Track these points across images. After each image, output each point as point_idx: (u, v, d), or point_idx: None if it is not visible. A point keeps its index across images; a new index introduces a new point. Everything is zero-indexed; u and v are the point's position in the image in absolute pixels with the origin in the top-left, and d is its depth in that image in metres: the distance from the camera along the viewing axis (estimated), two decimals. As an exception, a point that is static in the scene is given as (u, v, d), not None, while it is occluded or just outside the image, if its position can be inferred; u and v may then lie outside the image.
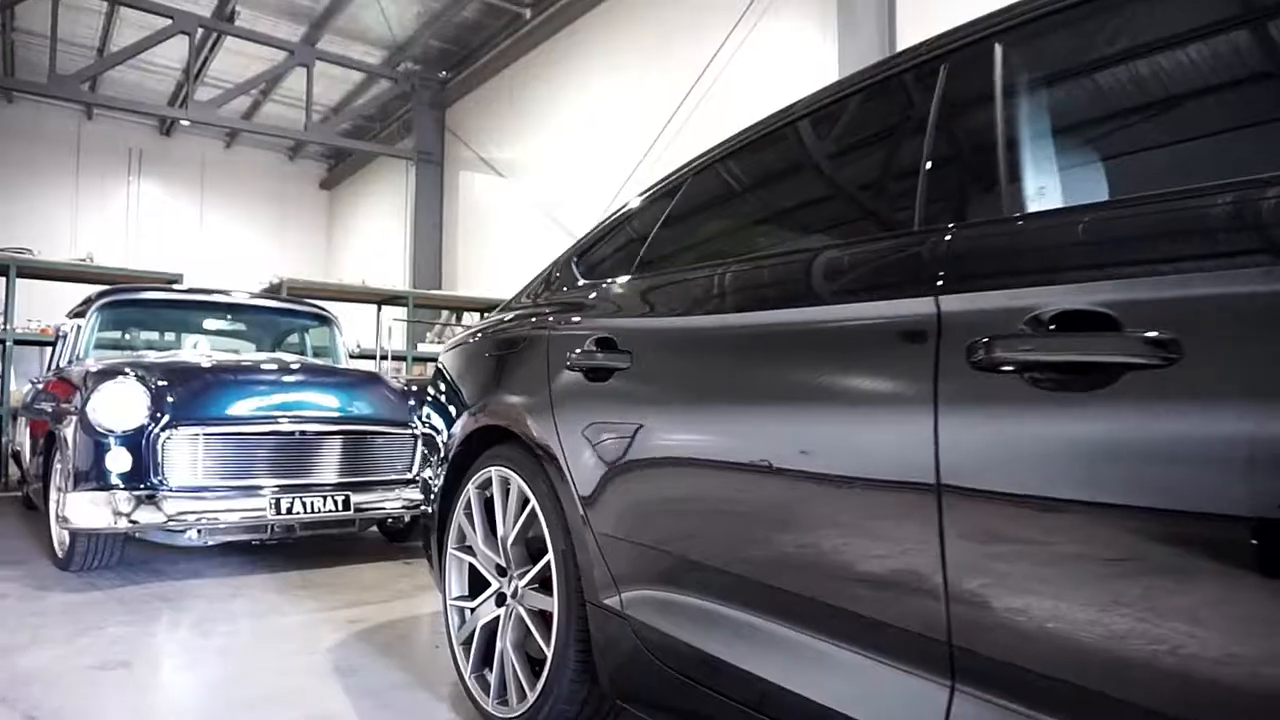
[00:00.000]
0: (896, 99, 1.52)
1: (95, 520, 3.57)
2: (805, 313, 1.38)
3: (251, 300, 5.57)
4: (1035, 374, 1.01)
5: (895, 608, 1.16)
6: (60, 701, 2.28)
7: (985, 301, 1.10)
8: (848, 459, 1.24)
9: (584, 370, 1.84)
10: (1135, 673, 0.90)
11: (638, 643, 1.65)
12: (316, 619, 3.17)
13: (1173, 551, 0.90)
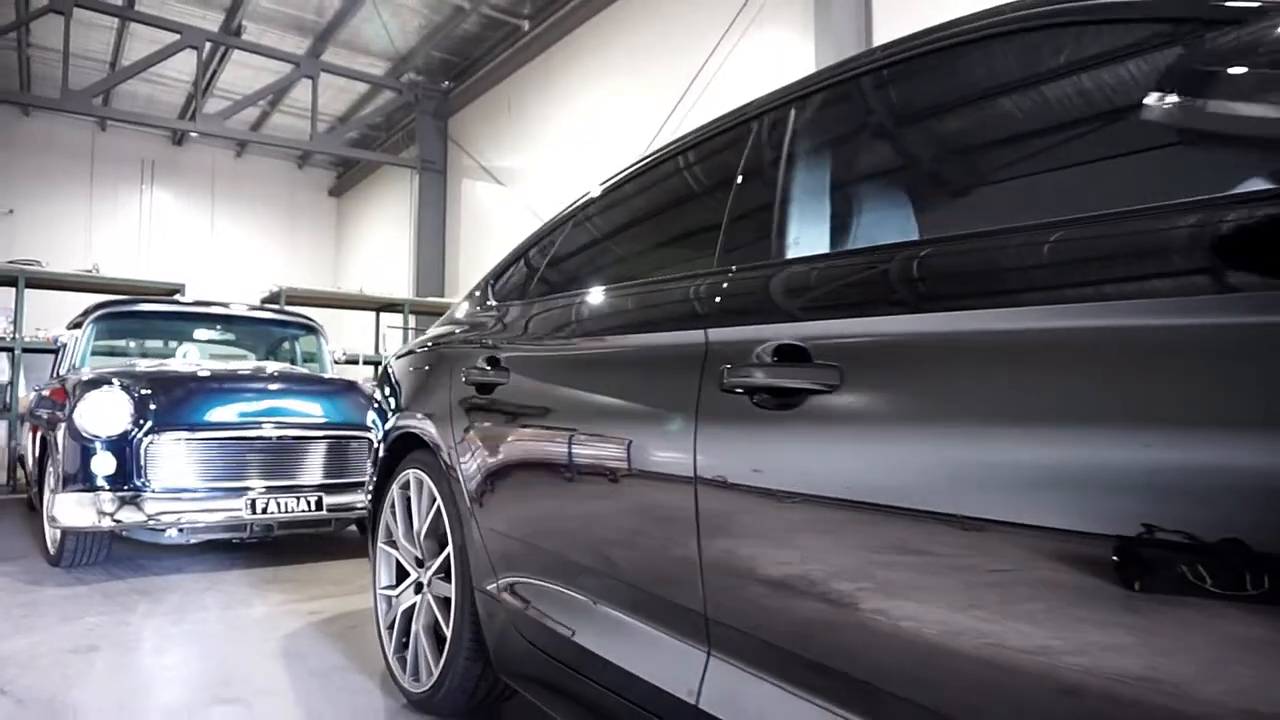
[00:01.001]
0: (715, 159, 1.78)
1: (81, 519, 3.89)
2: (625, 340, 1.66)
3: (239, 312, 5.90)
4: (752, 394, 1.27)
5: (665, 585, 1.43)
6: (32, 680, 2.58)
7: (732, 335, 1.36)
8: (642, 464, 1.50)
9: (475, 385, 2.12)
10: (851, 644, 1.11)
11: (509, 622, 1.92)
12: (281, 610, 3.46)
13: (850, 531, 1.14)
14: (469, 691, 2.17)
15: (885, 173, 1.47)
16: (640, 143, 8.87)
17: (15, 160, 14.35)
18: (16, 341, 7.68)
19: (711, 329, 1.41)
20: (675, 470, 1.40)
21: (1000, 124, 1.26)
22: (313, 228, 17.42)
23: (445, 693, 2.19)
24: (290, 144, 13.57)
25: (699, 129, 1.85)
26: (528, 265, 2.38)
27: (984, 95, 1.29)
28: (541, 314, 2.06)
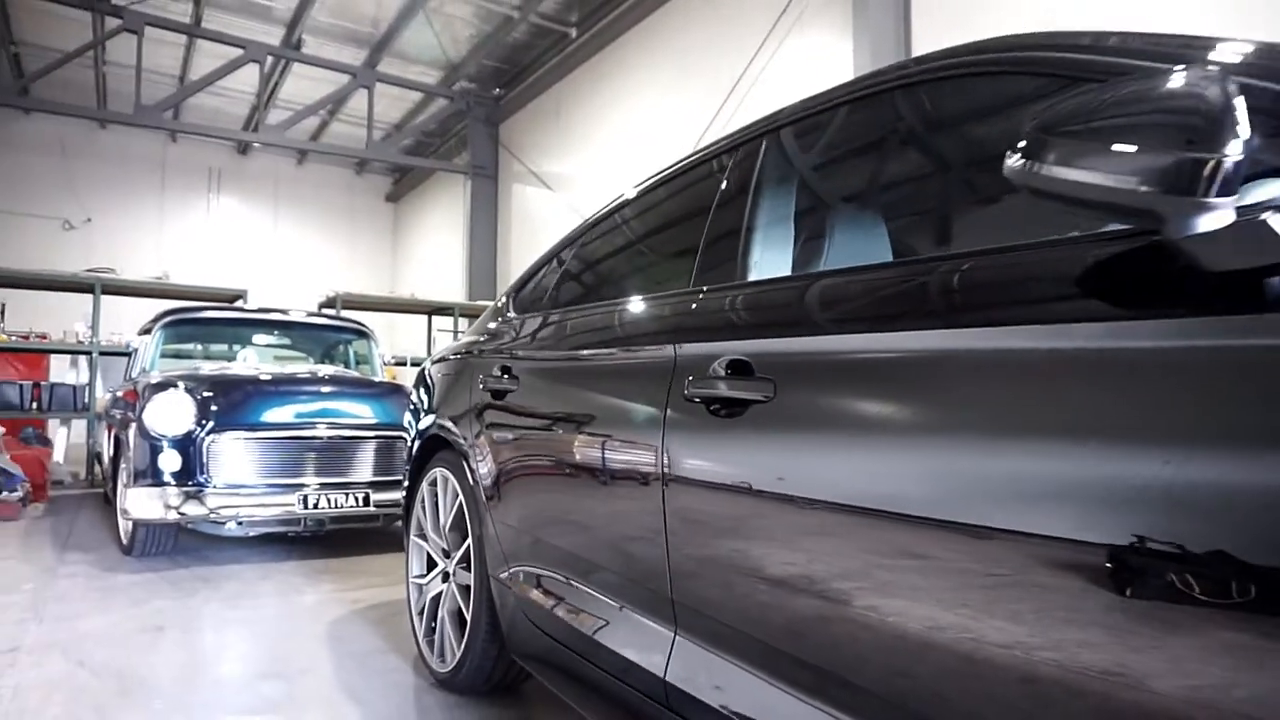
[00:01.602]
0: (696, 187, 1.97)
1: (150, 512, 4.23)
2: (611, 352, 1.86)
3: (295, 318, 6.25)
4: (708, 404, 1.46)
5: (639, 571, 1.62)
6: (107, 654, 2.88)
7: (695, 350, 1.55)
8: (621, 465, 1.69)
9: (490, 391, 2.33)
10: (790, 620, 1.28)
11: (518, 608, 2.13)
12: (329, 598, 3.74)
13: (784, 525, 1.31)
14: (487, 672, 2.39)
15: (819, 208, 1.64)
16: (685, 146, 9.00)
17: (93, 171, 15.18)
18: (94, 345, 8.20)
19: (680, 344, 1.60)
20: (647, 471, 1.60)
21: (911, 169, 1.42)
22: (370, 232, 18.00)
23: (466, 672, 2.41)
24: (348, 153, 14.09)
25: (682, 159, 2.03)
26: (538, 282, 2.60)
27: (901, 140, 1.46)
28: (546, 327, 2.27)
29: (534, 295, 2.56)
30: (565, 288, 2.41)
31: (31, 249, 14.01)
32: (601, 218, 2.35)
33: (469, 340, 2.84)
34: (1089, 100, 0.90)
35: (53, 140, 14.65)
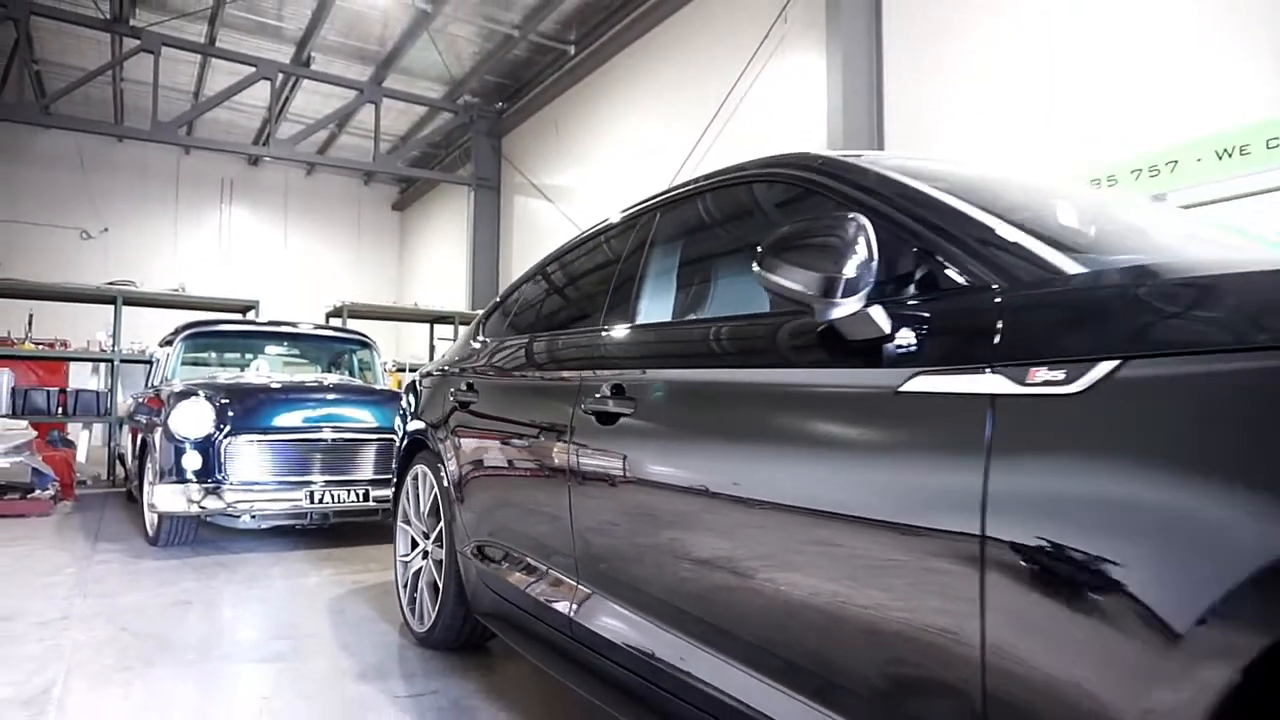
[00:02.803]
0: (610, 245, 2.56)
1: (174, 506, 4.85)
2: (540, 375, 2.45)
3: (304, 330, 6.88)
4: (593, 415, 2.05)
5: (554, 539, 2.21)
6: (144, 622, 3.49)
7: (592, 377, 2.14)
8: (542, 463, 2.28)
9: (459, 402, 2.93)
10: (651, 568, 1.86)
11: (477, 574, 2.72)
12: (331, 580, 4.35)
13: (643, 503, 1.90)
14: (456, 629, 2.98)
15: (679, 270, 2.23)
16: (676, 160, 9.64)
17: (111, 183, 15.94)
18: (115, 353, 8.86)
19: (582, 371, 2.19)
20: (560, 467, 2.19)
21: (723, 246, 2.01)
22: (377, 240, 18.70)
23: (439, 630, 3.01)
24: (355, 165, 14.76)
25: (601, 223, 2.63)
26: (501, 311, 3.20)
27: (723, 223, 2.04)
28: (500, 351, 2.87)
29: (496, 323, 3.16)
30: (516, 319, 3.01)
31: (51, 258, 14.76)
32: (546, 263, 2.95)
33: (450, 358, 3.44)
34: (792, 230, 1.48)
35: (72, 153, 15.39)
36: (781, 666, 1.48)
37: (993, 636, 1.12)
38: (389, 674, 2.87)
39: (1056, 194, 1.94)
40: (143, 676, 2.81)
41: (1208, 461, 0.92)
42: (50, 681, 2.74)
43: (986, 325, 1.23)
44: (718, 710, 1.61)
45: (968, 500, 1.15)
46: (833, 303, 1.36)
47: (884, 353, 1.36)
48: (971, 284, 1.33)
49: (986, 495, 1.13)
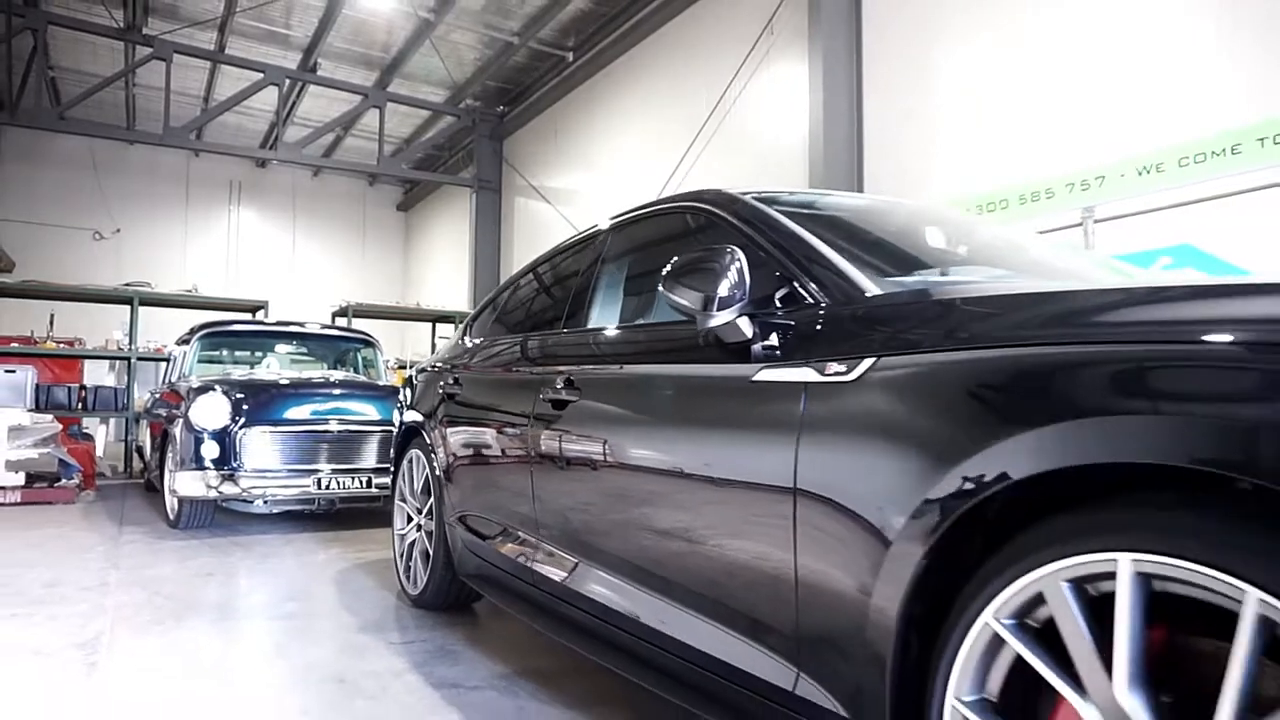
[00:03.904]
0: (573, 259, 3.05)
1: (194, 490, 5.38)
2: (510, 371, 2.95)
3: (311, 330, 7.41)
4: (550, 404, 2.54)
5: (519, 505, 2.71)
6: (172, 588, 4.01)
7: (550, 370, 2.63)
8: (510, 444, 2.78)
9: (446, 395, 3.43)
10: (591, 520, 2.36)
11: (462, 541, 3.22)
12: (336, 557, 4.86)
13: (586, 471, 2.39)
14: (445, 591, 3.48)
15: (624, 282, 2.73)
16: (670, 164, 10.13)
17: (123, 184, 16.53)
18: (131, 352, 9.41)
19: (544, 367, 2.69)
20: (523, 449, 2.69)
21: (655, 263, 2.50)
22: (382, 241, 19.25)
23: (430, 593, 3.51)
24: (360, 168, 15.29)
25: (565, 241, 3.12)
26: (483, 315, 3.70)
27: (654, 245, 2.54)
28: (479, 350, 3.38)
29: (481, 325, 3.66)
30: (497, 322, 3.51)
31: (65, 258, 15.36)
32: (524, 272, 3.45)
33: (441, 356, 3.94)
34: (686, 258, 1.96)
35: (85, 156, 15.97)
36: (681, 591, 1.97)
37: (801, 553, 1.61)
38: (386, 627, 3.37)
39: (916, 222, 2.43)
40: (175, 629, 3.32)
41: (917, 429, 1.41)
42: (98, 631, 3.25)
43: (809, 331, 1.73)
44: (642, 632, 2.10)
45: (788, 461, 1.64)
46: (710, 315, 1.85)
47: (750, 352, 1.85)
48: (812, 300, 1.82)
49: (798, 457, 1.62)
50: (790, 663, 1.65)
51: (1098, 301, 1.35)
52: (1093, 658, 1.14)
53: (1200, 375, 1.07)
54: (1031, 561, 1.21)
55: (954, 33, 6.79)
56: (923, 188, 6.84)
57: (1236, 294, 1.23)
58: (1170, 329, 1.18)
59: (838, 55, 8.02)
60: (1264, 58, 4.44)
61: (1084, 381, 1.18)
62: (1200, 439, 1.03)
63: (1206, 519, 1.05)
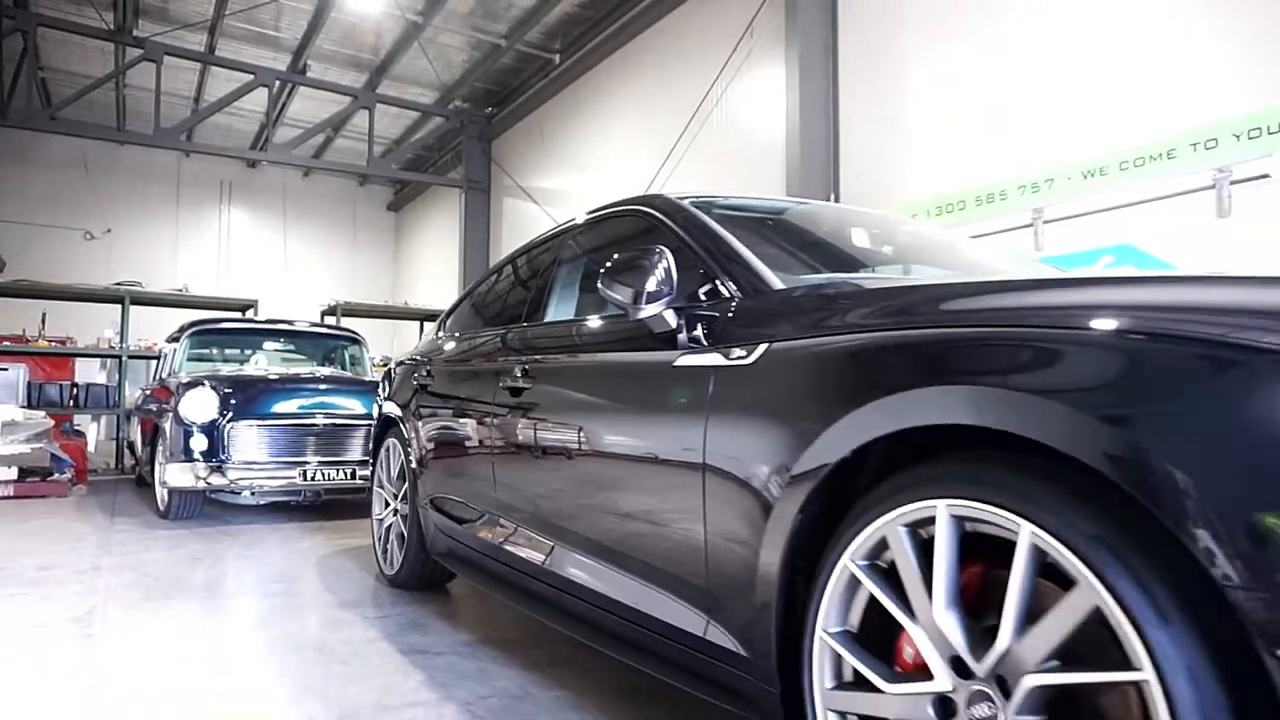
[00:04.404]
0: (534, 260, 3.30)
1: (183, 482, 5.61)
2: (474, 362, 3.19)
3: (299, 328, 7.64)
4: (508, 392, 2.79)
5: (480, 484, 2.95)
6: (161, 571, 4.24)
7: (511, 363, 2.88)
8: (474, 429, 3.03)
9: (419, 386, 3.68)
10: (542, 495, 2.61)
11: (434, 523, 3.46)
12: (320, 544, 5.10)
13: (536, 450, 2.63)
14: (419, 571, 3.73)
15: (572, 281, 2.97)
16: (653, 166, 10.39)
17: (113, 185, 16.75)
18: (123, 350, 9.63)
19: (505, 358, 2.94)
20: (485, 433, 2.94)
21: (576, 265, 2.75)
22: (372, 240, 19.48)
23: (405, 573, 3.76)
24: (350, 169, 15.53)
25: (528, 244, 3.37)
26: (456, 313, 3.94)
27: (601, 247, 2.79)
28: (449, 343, 3.62)
29: (454, 321, 3.91)
30: (468, 318, 3.76)
31: (55, 258, 15.56)
32: (493, 271, 3.69)
33: (416, 351, 4.18)
34: (622, 257, 2.20)
35: (76, 156, 16.17)
36: (619, 557, 2.21)
37: (711, 526, 1.85)
38: (363, 603, 3.62)
39: (843, 225, 2.69)
40: (164, 605, 3.56)
41: (790, 406, 1.66)
42: (92, 607, 3.49)
43: (721, 321, 1.97)
44: (589, 596, 2.35)
45: (699, 437, 1.88)
46: (640, 308, 2.09)
47: (676, 341, 2.09)
48: (729, 294, 2.07)
49: (706, 439, 1.87)
50: (703, 612, 1.90)
51: (927, 294, 1.61)
52: (919, 586, 1.39)
53: (986, 353, 1.32)
54: (877, 511, 1.46)
55: (922, 46, 7.06)
56: (895, 190, 7.10)
57: (1021, 289, 1.50)
58: (970, 316, 1.44)
59: (814, 61, 8.27)
60: (1196, 71, 4.80)
61: (908, 361, 1.44)
62: (987, 405, 1.28)
63: (997, 471, 1.30)
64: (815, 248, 2.64)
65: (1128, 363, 1.14)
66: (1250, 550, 0.98)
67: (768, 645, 1.69)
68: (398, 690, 2.52)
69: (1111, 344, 1.17)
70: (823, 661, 1.56)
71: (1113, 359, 1.16)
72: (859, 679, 1.51)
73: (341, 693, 2.49)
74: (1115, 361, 1.15)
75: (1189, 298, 1.28)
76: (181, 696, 2.47)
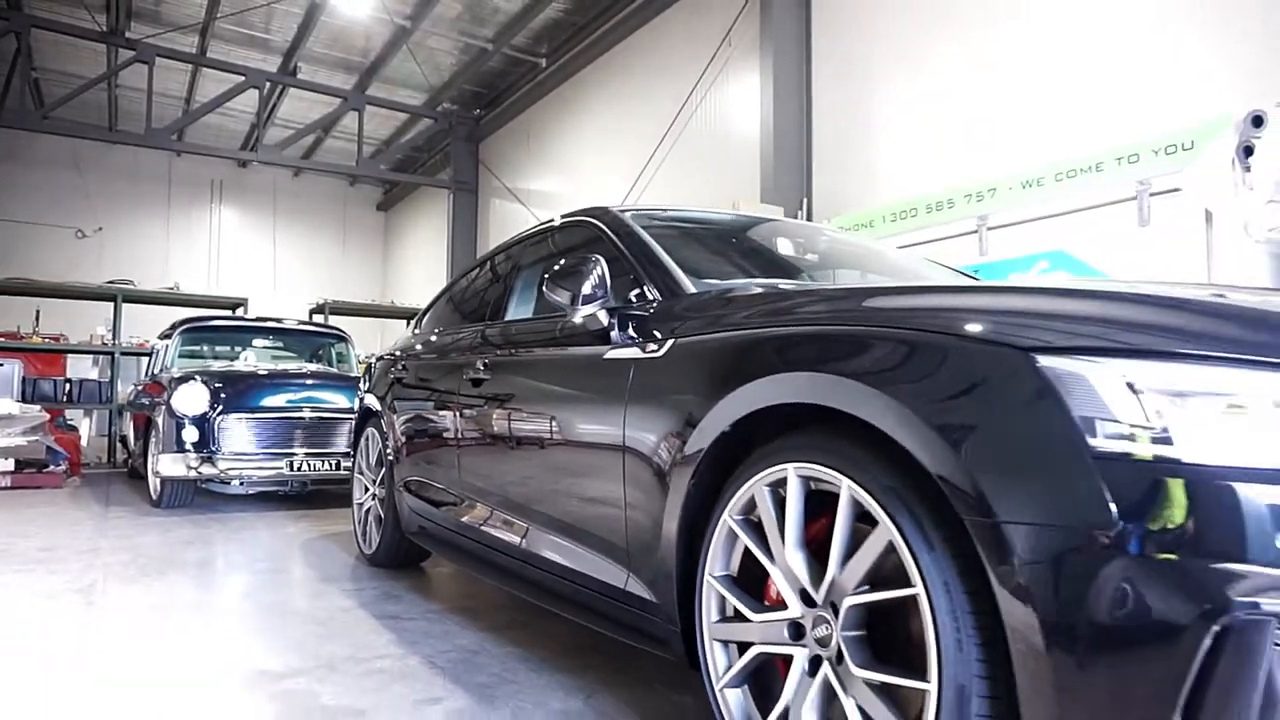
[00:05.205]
0: (497, 266, 3.65)
1: (176, 471, 5.95)
2: (442, 357, 3.55)
3: (288, 326, 7.99)
4: (470, 383, 3.14)
5: (446, 468, 3.31)
6: (156, 552, 4.58)
7: (474, 357, 3.23)
8: (441, 418, 3.38)
9: (395, 379, 4.03)
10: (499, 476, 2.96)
11: (408, 505, 3.81)
12: (305, 530, 5.44)
13: (493, 435, 2.98)
14: (394, 550, 4.08)
15: (531, 284, 3.33)
16: (636, 168, 10.74)
17: (105, 183, 17.04)
18: (116, 346, 9.96)
19: (470, 353, 3.29)
20: (450, 420, 3.29)
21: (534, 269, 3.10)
22: (362, 240, 19.81)
23: (382, 551, 4.11)
24: (340, 169, 15.85)
25: (496, 248, 3.72)
26: (434, 310, 4.30)
27: (549, 255, 3.14)
28: (421, 340, 3.98)
29: (428, 321, 4.26)
30: (438, 318, 4.11)
31: (47, 256, 15.83)
32: (462, 274, 4.06)
33: (395, 347, 4.53)
34: (563, 264, 2.55)
35: (68, 155, 16.46)
36: (562, 526, 2.56)
37: (629, 496, 2.20)
38: (343, 579, 3.97)
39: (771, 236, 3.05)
40: (159, 580, 3.90)
41: (683, 392, 2.02)
42: (93, 581, 3.83)
43: (643, 321, 2.33)
44: (539, 562, 2.70)
45: (620, 421, 2.24)
46: (576, 309, 2.45)
47: (609, 338, 2.45)
48: (652, 297, 2.42)
49: (625, 422, 2.22)
50: (624, 568, 2.25)
51: (794, 298, 1.98)
52: (775, 532, 1.74)
53: (824, 347, 1.69)
54: (748, 475, 1.82)
55: (887, 61, 7.45)
56: (863, 196, 7.47)
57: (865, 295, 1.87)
58: (821, 316, 1.81)
59: (788, 70, 8.63)
60: (1123, 91, 5.33)
61: (770, 353, 1.80)
62: (820, 387, 1.64)
63: (829, 440, 1.66)
64: (741, 256, 3.00)
65: (909, 353, 1.50)
66: (978, 492, 1.33)
67: (670, 591, 2.05)
68: (370, 646, 2.87)
69: (902, 339, 1.53)
70: (710, 601, 1.91)
71: (902, 351, 1.52)
72: (736, 613, 1.86)
73: (319, 648, 2.84)
74: (904, 353, 1.51)
75: (979, 303, 1.64)
76: (178, 649, 2.82)
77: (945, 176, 6.18)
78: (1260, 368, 1.26)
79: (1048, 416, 1.29)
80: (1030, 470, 1.30)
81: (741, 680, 1.83)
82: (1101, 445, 1.24)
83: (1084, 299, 1.55)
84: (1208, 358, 1.28)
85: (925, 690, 1.41)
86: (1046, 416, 1.29)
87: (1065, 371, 1.30)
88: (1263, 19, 4.75)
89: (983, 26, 6.40)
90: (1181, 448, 1.21)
